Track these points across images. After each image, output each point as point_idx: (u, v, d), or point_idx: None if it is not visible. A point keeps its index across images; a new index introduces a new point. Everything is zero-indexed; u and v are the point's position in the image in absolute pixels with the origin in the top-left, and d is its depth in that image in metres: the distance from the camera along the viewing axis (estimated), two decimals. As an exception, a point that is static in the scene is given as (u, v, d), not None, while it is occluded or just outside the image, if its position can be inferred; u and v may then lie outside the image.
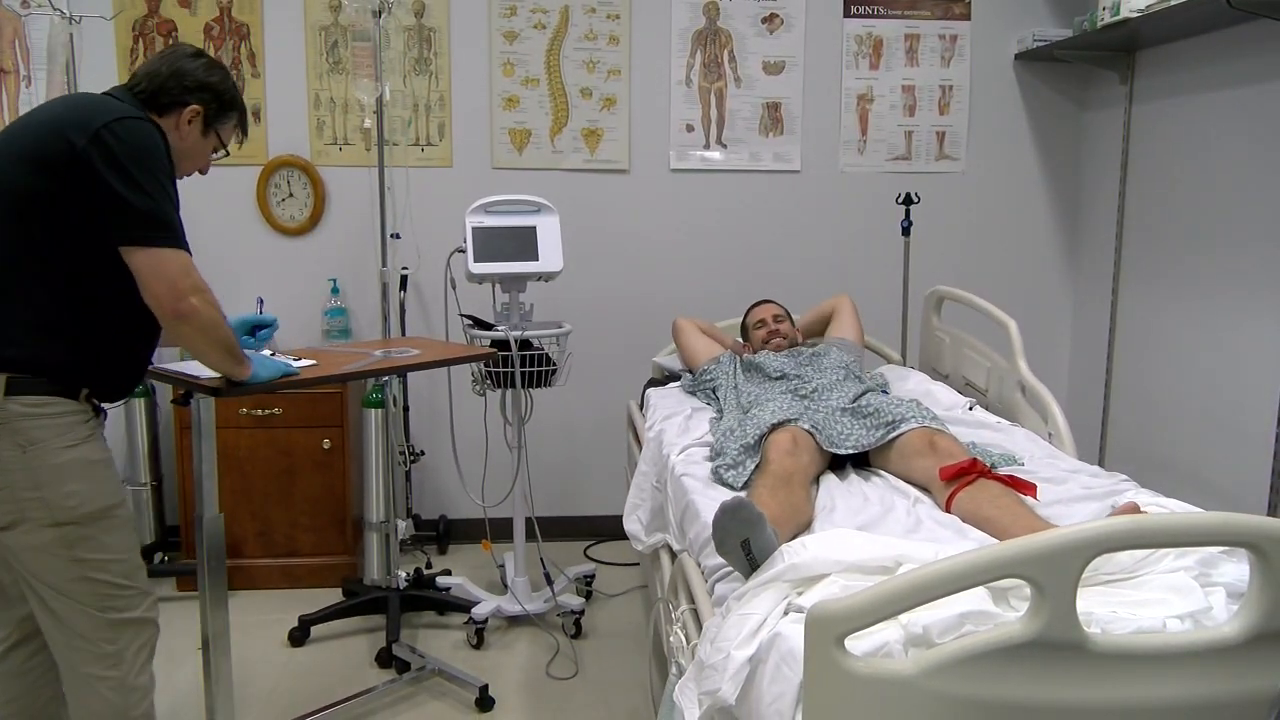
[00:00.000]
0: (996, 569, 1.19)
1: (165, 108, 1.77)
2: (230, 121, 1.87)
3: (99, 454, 1.70)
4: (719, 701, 1.42)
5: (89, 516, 1.66)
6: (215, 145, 1.88)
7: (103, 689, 1.71)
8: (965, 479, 1.96)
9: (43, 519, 1.62)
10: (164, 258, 1.61)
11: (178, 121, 1.78)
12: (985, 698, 1.21)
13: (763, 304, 3.16)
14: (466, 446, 3.19)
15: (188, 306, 1.62)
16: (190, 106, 1.78)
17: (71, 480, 1.64)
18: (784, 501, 1.92)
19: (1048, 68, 3.70)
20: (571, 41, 3.56)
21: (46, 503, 1.62)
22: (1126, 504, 1.78)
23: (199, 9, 3.42)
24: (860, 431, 2.28)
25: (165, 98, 1.76)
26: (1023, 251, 3.82)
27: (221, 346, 1.72)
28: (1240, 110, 2.93)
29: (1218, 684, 1.25)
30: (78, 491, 1.64)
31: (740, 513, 1.58)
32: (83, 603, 1.68)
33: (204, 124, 1.81)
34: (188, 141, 1.80)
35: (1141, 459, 3.37)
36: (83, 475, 1.65)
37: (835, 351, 2.85)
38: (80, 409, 1.68)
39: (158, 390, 3.42)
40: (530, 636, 2.95)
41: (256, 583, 3.25)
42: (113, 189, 1.58)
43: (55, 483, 1.62)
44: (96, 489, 1.67)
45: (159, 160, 1.65)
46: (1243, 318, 2.93)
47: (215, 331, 1.69)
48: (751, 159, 3.68)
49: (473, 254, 2.79)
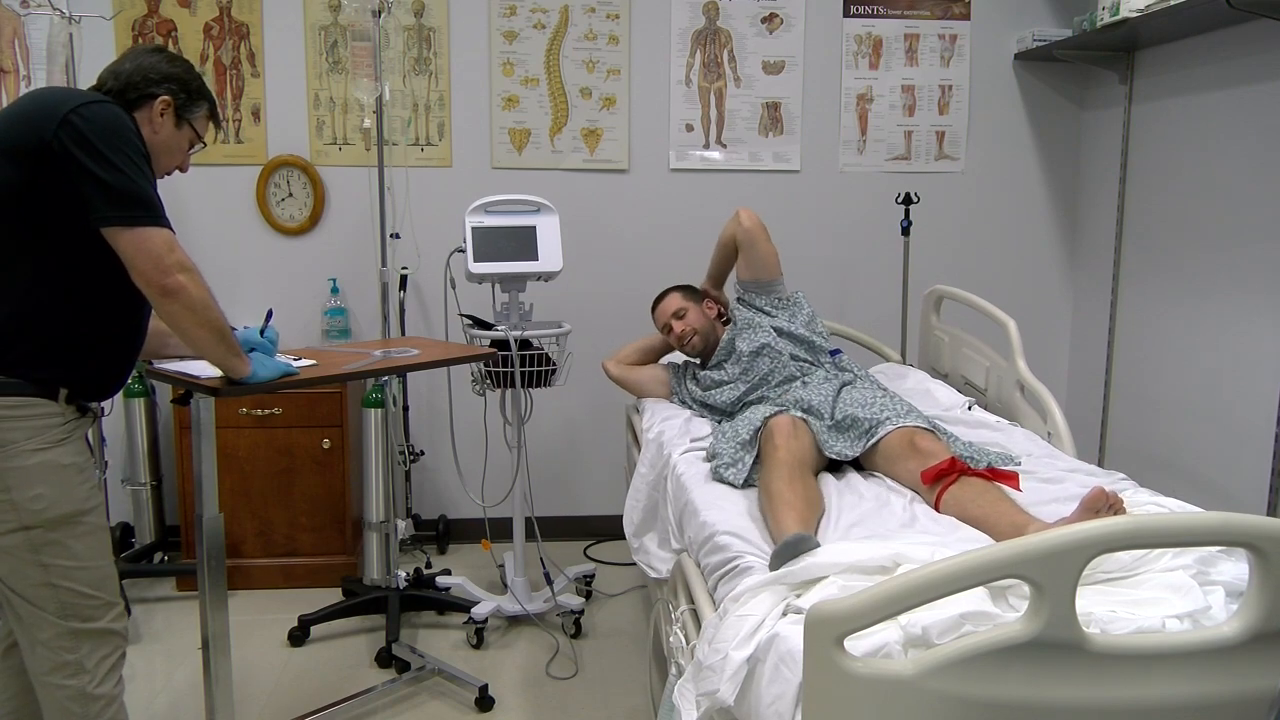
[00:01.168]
0: (996, 569, 1.19)
1: (134, 103, 1.75)
2: (201, 111, 1.85)
3: (71, 458, 1.67)
4: (717, 702, 1.42)
5: (55, 521, 1.64)
6: (191, 139, 1.86)
7: (61, 697, 1.69)
8: (947, 479, 1.97)
9: (10, 522, 1.62)
10: (147, 235, 1.59)
11: (149, 116, 1.77)
12: (985, 698, 1.21)
13: (659, 301, 2.93)
14: (466, 446, 3.19)
15: (175, 283, 1.60)
16: (160, 98, 1.77)
17: (39, 483, 1.62)
18: (804, 494, 1.93)
19: (1048, 67, 3.70)
20: (571, 41, 3.56)
21: (15, 505, 1.61)
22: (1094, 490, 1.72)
23: (199, 9, 3.42)
24: (844, 444, 2.29)
25: (133, 93, 1.75)
26: (1023, 251, 3.82)
27: (211, 329, 1.68)
28: (1240, 110, 2.93)
29: (1217, 684, 1.25)
30: (44, 495, 1.63)
31: (801, 547, 1.62)
32: (44, 609, 1.66)
33: (176, 116, 1.80)
34: (162, 135, 1.79)
35: (1141, 459, 3.37)
36: (51, 479, 1.64)
37: (763, 330, 2.66)
38: (57, 411, 1.66)
39: (158, 390, 3.43)
40: (530, 636, 2.95)
41: (256, 583, 3.25)
42: (88, 170, 1.57)
43: (23, 485, 1.61)
44: (64, 493, 1.65)
45: (129, 139, 1.63)
46: (1243, 318, 2.93)
47: (205, 312, 1.65)
48: (751, 159, 3.68)
49: (472, 254, 2.79)
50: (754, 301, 2.82)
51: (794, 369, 2.62)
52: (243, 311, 3.06)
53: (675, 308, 2.85)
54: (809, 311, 2.78)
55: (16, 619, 1.69)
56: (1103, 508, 1.68)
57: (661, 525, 2.35)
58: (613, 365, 3.01)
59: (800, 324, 2.73)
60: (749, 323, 2.73)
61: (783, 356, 2.63)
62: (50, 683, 1.69)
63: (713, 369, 2.77)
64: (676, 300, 2.88)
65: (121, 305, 1.72)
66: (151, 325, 1.85)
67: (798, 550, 1.61)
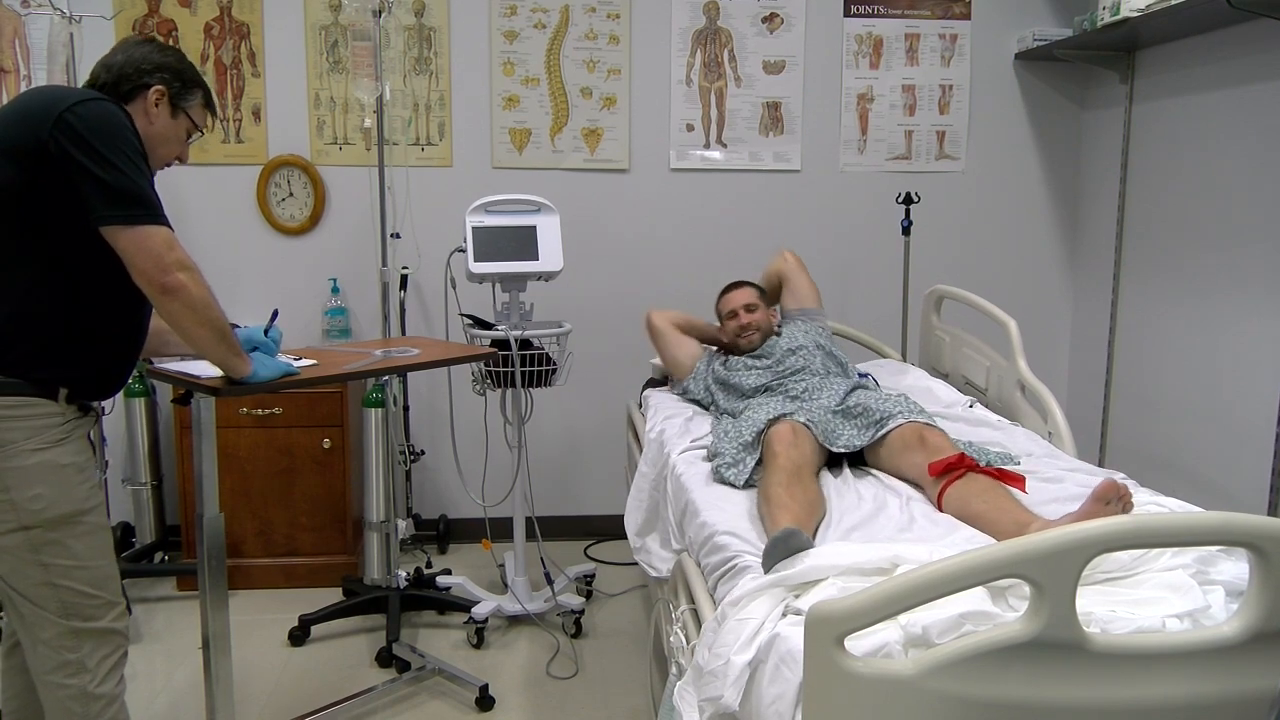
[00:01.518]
0: (996, 569, 1.19)
1: (128, 95, 1.74)
2: (196, 99, 1.83)
3: (70, 458, 1.67)
4: (722, 708, 1.41)
5: (54, 521, 1.64)
6: (188, 128, 1.84)
7: (63, 696, 1.69)
8: (954, 473, 1.97)
9: (10, 522, 1.62)
10: (147, 234, 1.58)
11: (145, 106, 1.76)
12: (985, 698, 1.21)
13: (735, 289, 2.96)
14: (466, 446, 3.19)
15: (174, 281, 1.59)
16: (153, 88, 1.75)
17: (38, 483, 1.62)
18: (801, 499, 1.92)
19: (1048, 67, 3.70)
20: (571, 41, 3.56)
21: (14, 505, 1.61)
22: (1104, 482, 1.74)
23: (199, 9, 3.42)
24: (852, 431, 2.29)
25: (126, 84, 1.74)
26: (1023, 251, 3.82)
27: (212, 328, 1.66)
28: (1240, 110, 2.93)
29: (1217, 683, 1.25)
30: (43, 495, 1.62)
31: (792, 542, 1.62)
32: (45, 609, 1.66)
33: (171, 105, 1.78)
34: (158, 125, 1.77)
35: (1141, 458, 3.37)
36: (50, 479, 1.64)
37: (804, 334, 2.79)
38: (57, 411, 1.66)
39: (158, 390, 3.43)
40: (530, 636, 2.95)
41: (256, 582, 3.25)
42: (85, 169, 1.56)
43: (21, 485, 1.61)
44: (63, 493, 1.65)
45: (125, 136, 1.62)
46: (1243, 318, 2.93)
47: (205, 311, 1.64)
48: (751, 158, 3.68)
49: (473, 253, 2.79)
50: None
51: (820, 369, 2.68)
52: (243, 311, 3.06)
53: (749, 300, 2.88)
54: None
55: (19, 618, 1.69)
56: (1113, 499, 1.69)
57: (663, 525, 2.35)
58: (658, 316, 2.99)
59: (837, 349, 2.82)
60: (791, 333, 2.83)
61: (814, 357, 2.71)
62: (52, 681, 1.69)
63: (748, 357, 2.80)
64: (752, 294, 2.91)
65: (122, 304, 1.72)
66: (151, 324, 1.85)
67: (789, 546, 1.60)
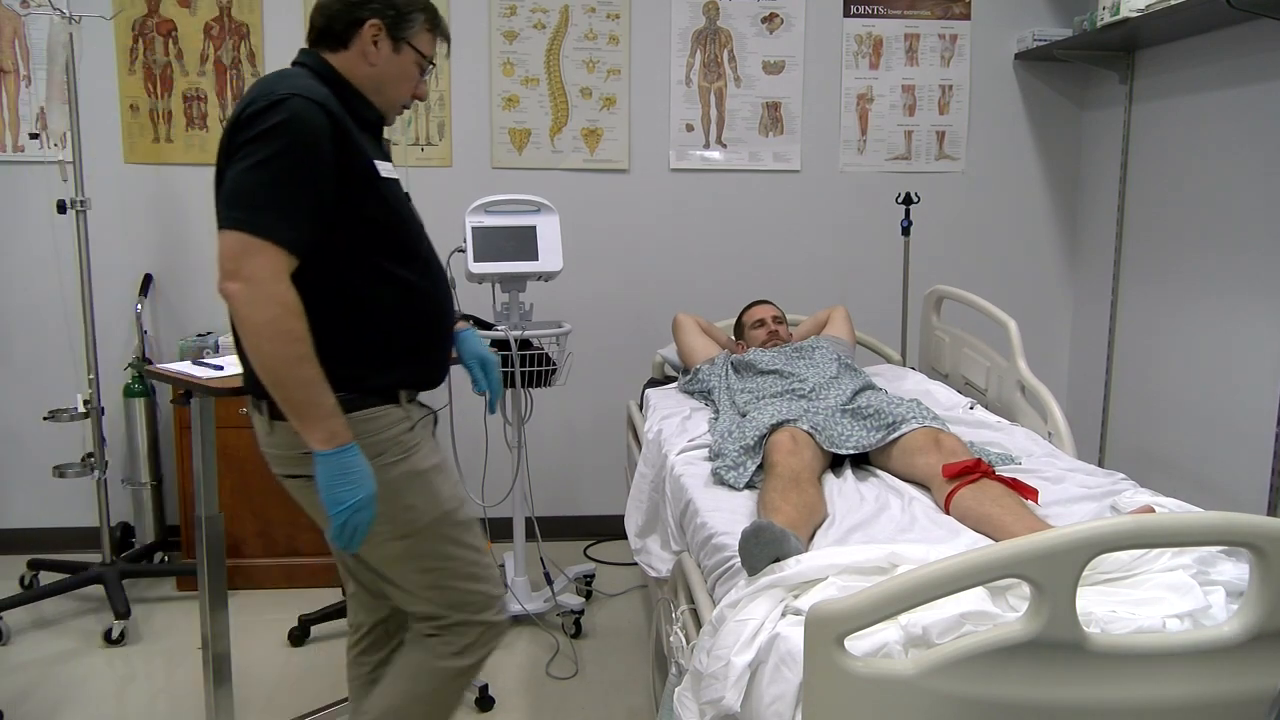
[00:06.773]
0: (996, 569, 1.19)
1: (343, 37, 1.63)
2: (417, 25, 1.67)
3: (426, 462, 1.66)
4: (723, 710, 1.41)
5: (429, 526, 1.65)
6: (418, 61, 1.70)
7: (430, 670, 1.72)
8: (969, 477, 1.96)
9: (386, 534, 1.61)
10: (223, 239, 1.47)
11: (362, 48, 1.64)
12: (985, 698, 1.21)
13: (761, 304, 3.17)
14: (466, 446, 3.19)
15: (227, 289, 1.46)
16: (368, 23, 1.62)
17: (408, 494, 1.62)
18: (797, 503, 1.91)
19: (1048, 67, 3.70)
20: (571, 41, 3.56)
21: (390, 518, 1.60)
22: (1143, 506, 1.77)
23: (199, 9, 3.42)
24: (861, 432, 2.27)
25: (339, 24, 1.63)
26: (1023, 251, 3.82)
27: (264, 366, 1.47)
28: (1240, 110, 2.93)
29: (1217, 684, 1.25)
30: (414, 505, 1.63)
31: (763, 535, 1.59)
32: (431, 602, 1.70)
33: (391, 39, 1.65)
34: (380, 65, 1.65)
35: (1141, 458, 3.37)
36: (414, 488, 1.63)
37: (825, 344, 2.87)
38: (401, 417, 1.64)
39: (158, 390, 3.43)
40: (530, 636, 2.95)
41: (256, 582, 3.25)
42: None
43: (391, 497, 1.59)
44: (429, 500, 1.65)
45: (279, 141, 1.47)
46: (1243, 318, 2.93)
47: (255, 338, 1.46)
48: (751, 159, 3.68)
49: (472, 253, 2.79)
50: None
51: (831, 367, 2.70)
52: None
53: (778, 313, 3.13)
54: None
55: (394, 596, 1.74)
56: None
57: (663, 526, 2.35)
58: (684, 314, 3.18)
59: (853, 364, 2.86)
60: (813, 340, 2.94)
61: (829, 354, 2.76)
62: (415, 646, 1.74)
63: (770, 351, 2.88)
64: (777, 310, 3.15)
65: (405, 290, 1.65)
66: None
67: (759, 537, 1.58)
